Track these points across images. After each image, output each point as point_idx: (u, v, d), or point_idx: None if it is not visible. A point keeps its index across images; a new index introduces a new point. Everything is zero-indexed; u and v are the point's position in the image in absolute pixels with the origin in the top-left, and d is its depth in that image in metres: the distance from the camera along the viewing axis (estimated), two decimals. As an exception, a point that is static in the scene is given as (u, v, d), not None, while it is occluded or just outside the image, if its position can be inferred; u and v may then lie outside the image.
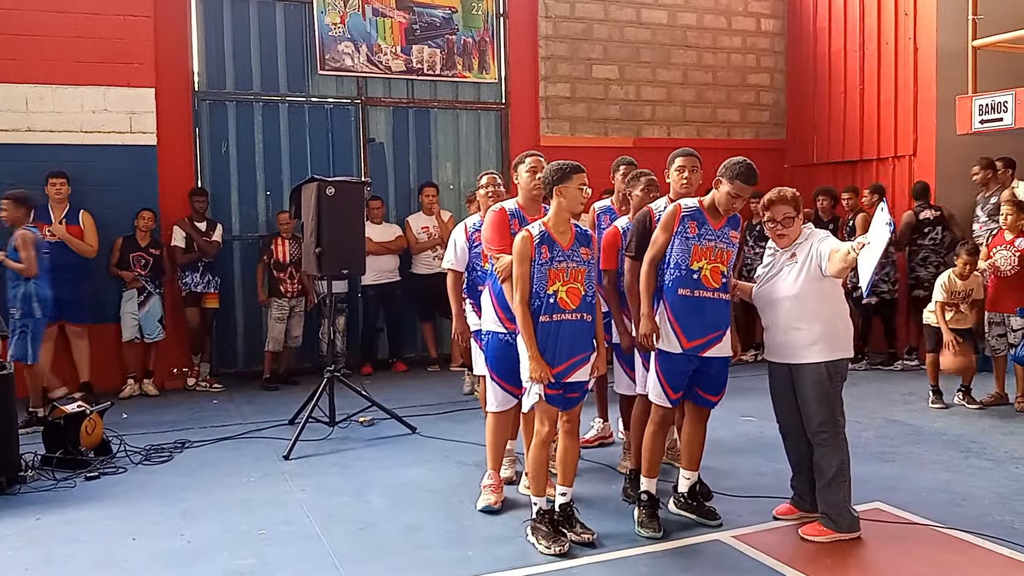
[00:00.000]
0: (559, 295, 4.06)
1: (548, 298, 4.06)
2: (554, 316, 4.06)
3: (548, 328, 4.06)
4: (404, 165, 9.27)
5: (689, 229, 4.23)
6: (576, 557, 4.02)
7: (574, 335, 4.10)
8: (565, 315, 4.07)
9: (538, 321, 4.07)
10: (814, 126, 10.31)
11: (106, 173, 7.81)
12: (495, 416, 4.77)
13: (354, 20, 8.89)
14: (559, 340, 4.07)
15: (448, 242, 5.52)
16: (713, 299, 4.24)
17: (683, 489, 4.51)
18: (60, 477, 5.31)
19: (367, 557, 4.11)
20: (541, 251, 4.07)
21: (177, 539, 4.37)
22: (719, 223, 4.27)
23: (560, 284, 4.07)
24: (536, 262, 4.08)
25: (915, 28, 8.98)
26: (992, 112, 7.40)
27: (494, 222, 4.59)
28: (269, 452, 5.90)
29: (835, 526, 4.17)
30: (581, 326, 4.12)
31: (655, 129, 10.18)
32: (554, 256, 4.08)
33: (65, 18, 7.66)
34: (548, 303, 4.06)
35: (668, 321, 4.25)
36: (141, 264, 7.76)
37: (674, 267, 4.24)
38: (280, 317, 8.15)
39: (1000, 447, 5.76)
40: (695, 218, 4.25)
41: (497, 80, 9.57)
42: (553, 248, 4.09)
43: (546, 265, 4.07)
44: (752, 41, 10.68)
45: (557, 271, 4.07)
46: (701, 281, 4.22)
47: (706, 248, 4.23)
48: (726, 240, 4.28)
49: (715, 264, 4.23)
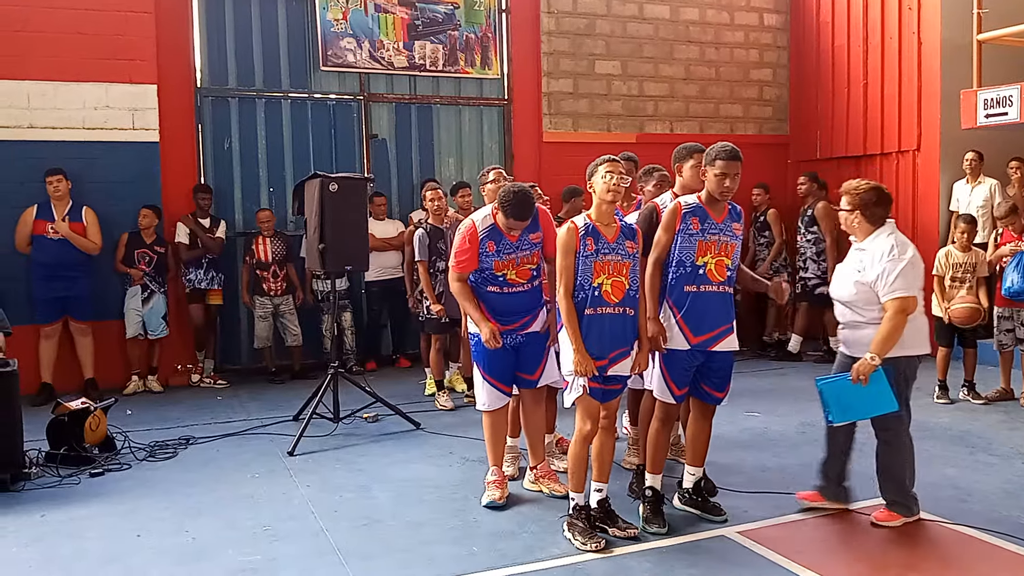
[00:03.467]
0: (603, 288, 4.06)
1: (593, 291, 4.06)
2: (598, 309, 4.06)
3: (592, 321, 4.06)
4: (407, 161, 9.25)
5: (692, 225, 4.20)
6: (579, 553, 4.01)
7: (617, 328, 4.10)
8: (608, 308, 4.07)
9: (582, 314, 4.06)
10: (818, 121, 10.28)
11: (109, 170, 7.80)
12: (489, 415, 4.80)
13: (356, 16, 8.87)
14: (602, 333, 4.07)
15: None
16: (719, 293, 4.24)
17: (688, 485, 4.51)
18: (65, 474, 5.31)
19: (372, 553, 4.11)
20: (586, 243, 4.06)
21: (182, 536, 4.38)
22: (721, 216, 4.25)
23: (605, 277, 4.06)
24: (581, 254, 4.07)
25: (919, 22, 8.94)
26: (997, 106, 7.39)
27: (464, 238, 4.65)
28: (273, 448, 5.90)
29: (906, 511, 4.30)
30: (624, 320, 4.11)
31: (658, 125, 10.16)
32: (599, 248, 4.07)
33: (66, 14, 7.64)
34: (593, 296, 4.06)
35: (674, 319, 4.23)
36: (146, 261, 7.75)
37: (678, 264, 4.22)
38: (263, 315, 8.15)
39: (1006, 442, 5.75)
40: (696, 214, 4.23)
41: (499, 76, 9.55)
42: (598, 240, 4.08)
43: (591, 257, 4.07)
44: (755, 36, 10.65)
45: (602, 264, 4.07)
46: (707, 276, 4.20)
47: (710, 242, 4.21)
48: (729, 233, 4.27)
49: (720, 258, 4.22)
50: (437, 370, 7.15)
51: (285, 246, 8.26)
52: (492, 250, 4.60)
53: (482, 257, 4.61)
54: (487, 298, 4.68)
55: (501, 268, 4.62)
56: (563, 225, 4.22)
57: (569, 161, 8.91)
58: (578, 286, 4.08)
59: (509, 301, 4.66)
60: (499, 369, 4.70)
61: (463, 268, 4.68)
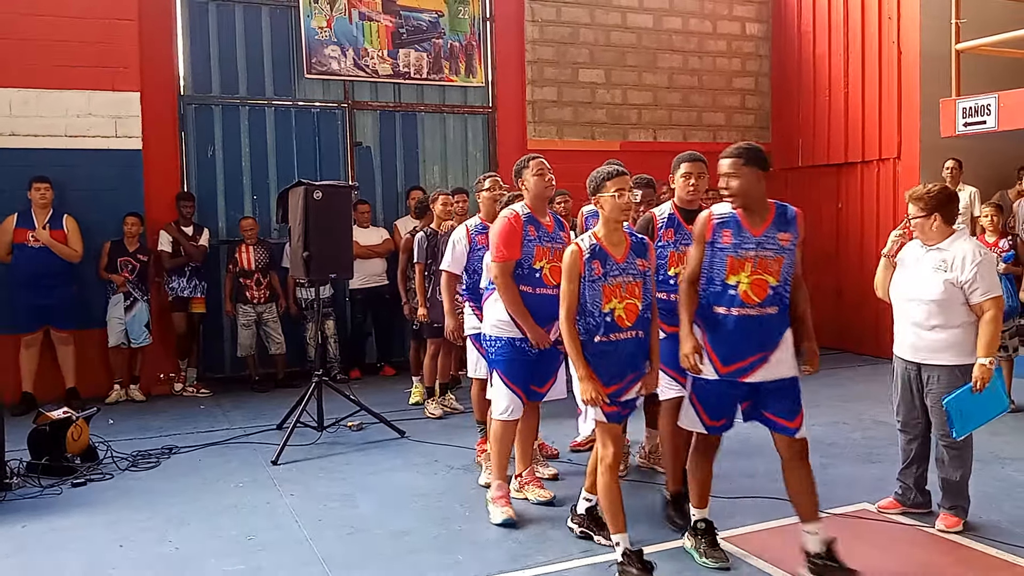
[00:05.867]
0: (616, 313, 3.78)
1: (604, 317, 3.78)
2: (611, 336, 3.79)
3: (605, 349, 3.79)
4: (391, 169, 9.26)
5: (722, 239, 3.75)
6: (566, 559, 4.02)
7: (631, 353, 3.86)
8: (622, 333, 3.81)
9: (593, 342, 3.79)
10: (799, 129, 10.37)
11: (91, 178, 7.76)
12: (503, 424, 4.55)
13: (340, 24, 8.88)
14: (618, 360, 3.83)
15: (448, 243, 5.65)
16: (756, 316, 3.69)
17: (815, 549, 3.78)
18: (46, 484, 5.26)
19: (356, 562, 4.10)
20: (592, 267, 3.78)
21: (165, 546, 4.35)
22: (760, 228, 3.72)
23: (617, 301, 3.79)
24: (587, 278, 3.79)
25: (899, 32, 9.04)
26: (975, 115, 7.46)
27: (503, 230, 4.47)
28: (257, 457, 5.88)
29: (964, 514, 4.37)
30: (638, 343, 3.87)
31: (641, 133, 10.22)
32: (608, 271, 3.79)
33: (49, 21, 7.60)
34: (605, 322, 3.78)
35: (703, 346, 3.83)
36: (128, 269, 7.71)
37: (707, 283, 3.79)
38: (246, 323, 8.12)
39: (986, 447, 5.78)
40: (729, 226, 3.75)
41: (484, 84, 9.57)
42: (606, 262, 3.80)
43: (599, 281, 3.78)
44: (737, 45, 10.74)
45: (612, 287, 3.79)
46: (739, 297, 3.70)
47: (744, 259, 3.70)
48: (772, 245, 3.71)
49: (758, 276, 3.69)
50: (429, 376, 7.05)
51: (268, 254, 8.24)
52: (533, 235, 4.44)
53: (524, 243, 4.42)
54: None
55: (540, 257, 4.44)
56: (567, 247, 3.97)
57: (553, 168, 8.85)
58: (587, 312, 3.81)
59: (539, 303, 4.44)
60: (522, 376, 4.51)
61: (508, 255, 4.42)
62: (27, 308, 7.35)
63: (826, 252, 9.87)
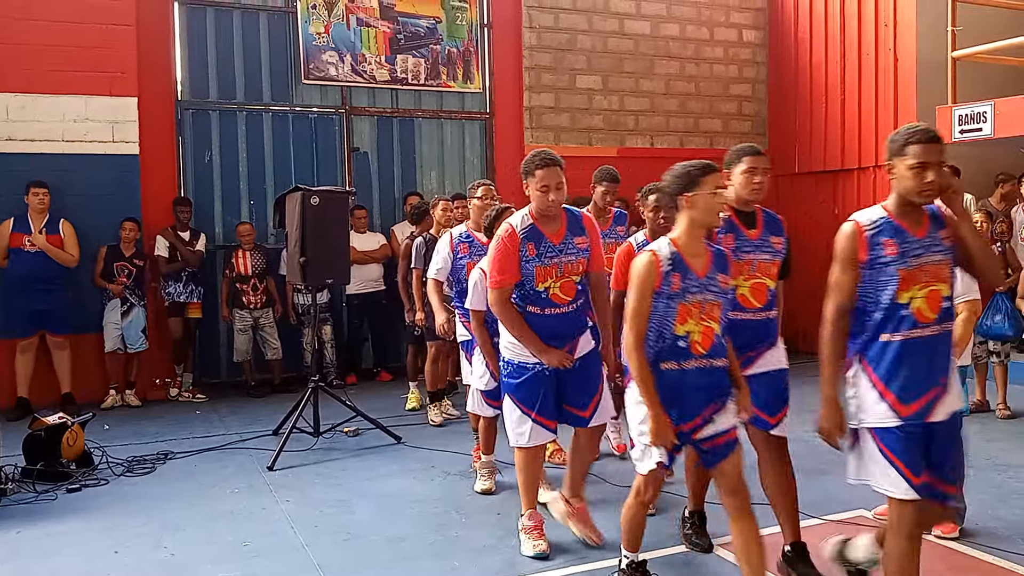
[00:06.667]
0: (692, 338, 3.23)
1: (676, 341, 3.22)
2: (682, 363, 3.25)
3: (671, 378, 3.25)
4: (388, 174, 9.26)
5: (884, 251, 3.02)
6: (564, 566, 4.01)
7: (706, 383, 3.29)
8: (694, 361, 3.26)
9: (657, 368, 3.25)
10: (796, 136, 10.40)
11: (88, 183, 7.76)
12: (524, 452, 4.17)
13: (338, 30, 8.89)
14: (689, 392, 3.27)
15: None
16: (931, 337, 3.03)
17: None
18: (41, 489, 5.25)
19: (352, 568, 4.09)
20: (671, 280, 3.20)
21: (160, 552, 4.34)
22: (922, 229, 3.06)
23: (693, 323, 3.22)
24: (663, 294, 3.21)
25: (895, 39, 9.07)
26: (971, 122, 7.50)
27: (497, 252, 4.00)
28: (253, 463, 5.87)
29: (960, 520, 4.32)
30: (713, 373, 3.30)
31: (638, 139, 10.23)
32: (687, 287, 3.21)
33: (46, 27, 7.61)
34: (676, 347, 3.23)
35: (870, 383, 3.07)
36: (125, 274, 7.71)
37: (874, 306, 3.06)
38: (243, 328, 8.11)
39: (981, 454, 5.80)
40: (887, 233, 3.04)
41: (481, 90, 9.59)
42: (686, 276, 3.22)
43: (676, 299, 3.21)
44: (734, 52, 10.76)
45: (690, 306, 3.22)
46: (913, 317, 3.02)
47: (915, 269, 3.02)
48: (939, 248, 3.06)
49: (932, 287, 3.03)
50: (431, 381, 6.95)
51: (265, 259, 8.24)
52: (532, 253, 3.91)
53: (522, 264, 3.93)
54: (525, 319, 4.02)
55: (543, 278, 3.94)
56: (640, 254, 3.33)
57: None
58: (656, 334, 3.24)
59: (550, 324, 4.01)
60: (539, 401, 4.04)
61: (504, 281, 3.96)
62: (23, 313, 7.34)
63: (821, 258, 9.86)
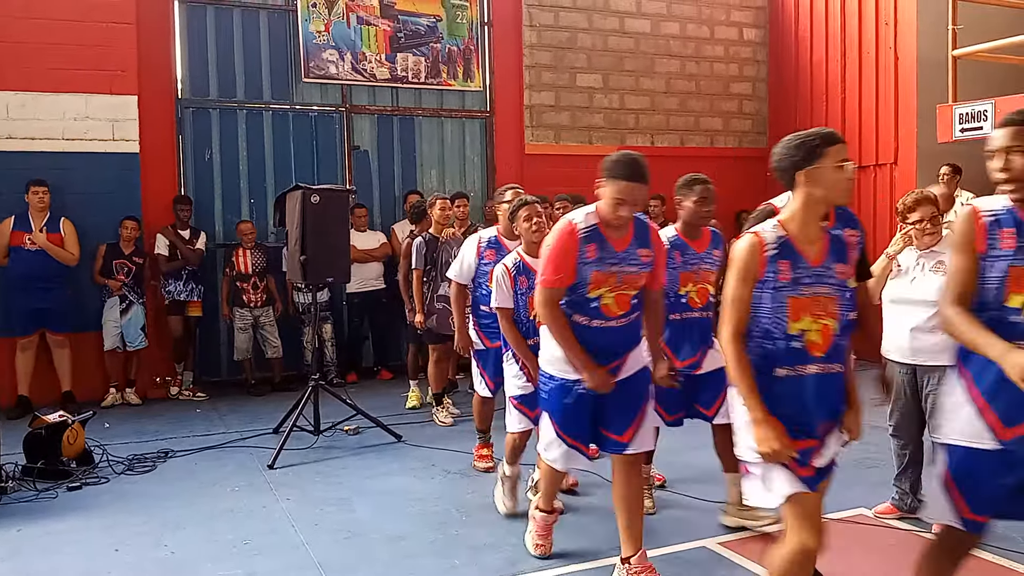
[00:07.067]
0: (808, 337, 2.74)
1: (790, 341, 2.74)
2: (798, 368, 2.75)
3: (791, 385, 2.76)
4: (389, 173, 9.26)
5: (1000, 243, 2.66)
6: (563, 565, 4.01)
7: (822, 395, 2.80)
8: (812, 366, 2.76)
9: (771, 375, 2.76)
10: (796, 135, 10.37)
11: (88, 181, 7.75)
12: (550, 469, 3.93)
13: (338, 28, 8.89)
14: (805, 403, 2.78)
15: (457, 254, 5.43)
16: None
17: None
18: (41, 488, 5.25)
19: (352, 566, 4.09)
20: (778, 268, 2.73)
21: (161, 550, 4.34)
22: None
23: (810, 319, 2.74)
24: (768, 285, 2.73)
25: (896, 38, 9.07)
26: (972, 121, 7.48)
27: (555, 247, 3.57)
28: (253, 461, 5.87)
29: None
30: (830, 382, 2.80)
31: (639, 137, 10.22)
32: (798, 277, 2.74)
33: (47, 25, 7.60)
34: (791, 348, 2.75)
35: (969, 400, 2.69)
36: (125, 272, 7.70)
37: (981, 305, 2.66)
38: (243, 327, 8.10)
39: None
40: (1006, 223, 2.68)
41: (482, 88, 9.58)
42: (798, 264, 2.75)
43: (786, 290, 2.73)
44: (735, 50, 10.76)
45: (803, 300, 2.74)
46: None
47: None
48: None
49: None
50: (435, 383, 6.89)
51: (265, 258, 8.23)
52: (592, 256, 3.49)
53: (579, 266, 3.52)
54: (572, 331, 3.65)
55: (598, 284, 3.53)
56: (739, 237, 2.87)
57: (551, 173, 8.96)
58: (764, 332, 2.77)
59: (599, 337, 3.62)
60: (577, 425, 3.70)
61: (558, 281, 3.52)
62: (23, 311, 7.34)
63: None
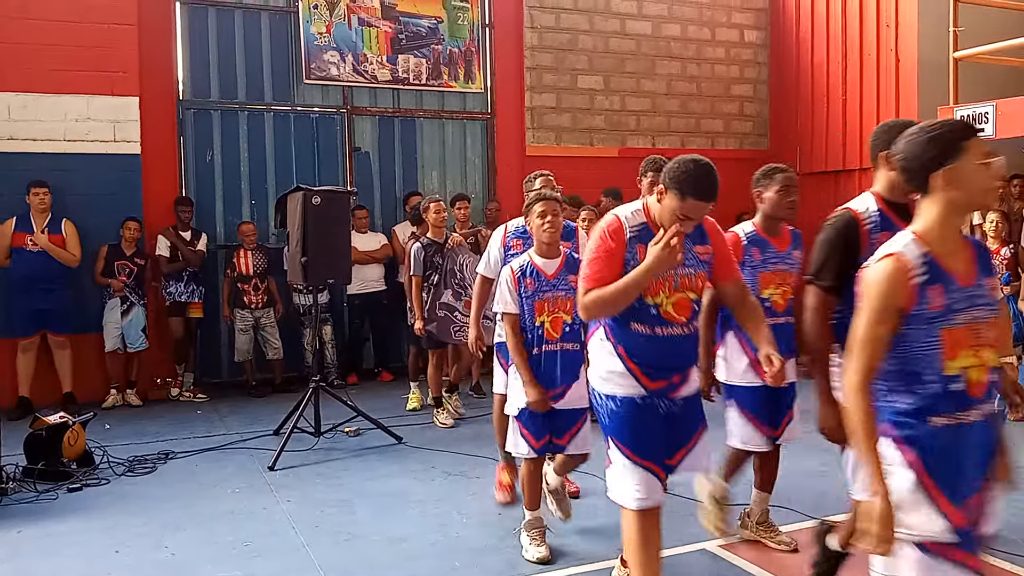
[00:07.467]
0: (970, 376, 2.23)
1: (948, 384, 2.22)
2: (958, 416, 2.23)
3: (951, 437, 2.24)
4: (390, 175, 9.26)
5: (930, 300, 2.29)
6: (563, 567, 4.01)
7: (987, 442, 2.31)
8: (976, 409, 2.25)
9: (927, 426, 2.23)
10: (797, 136, 10.39)
11: (89, 182, 7.75)
12: (639, 517, 3.16)
13: (340, 29, 8.89)
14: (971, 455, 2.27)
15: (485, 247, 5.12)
16: None
17: None
18: (42, 489, 5.25)
19: (353, 568, 4.09)
20: (928, 296, 2.20)
21: (161, 551, 4.34)
22: None
23: (970, 353, 2.22)
24: (920, 317, 2.21)
25: (897, 40, 9.07)
26: (973, 123, 7.48)
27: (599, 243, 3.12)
28: (254, 463, 5.87)
29: None
30: (993, 426, 2.33)
31: (640, 139, 10.23)
32: (951, 304, 2.21)
33: (48, 26, 7.60)
34: (951, 393, 2.22)
35: None
36: (126, 273, 7.71)
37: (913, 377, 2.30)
38: (244, 328, 8.10)
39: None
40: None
41: (483, 90, 9.58)
42: (949, 286, 2.22)
43: (939, 322, 2.20)
44: (736, 52, 10.76)
45: (958, 331, 2.21)
46: None
47: None
48: None
49: None
50: (435, 386, 6.92)
51: (266, 259, 8.23)
52: (643, 258, 3.01)
53: (626, 269, 3.05)
54: (628, 341, 3.15)
55: (655, 291, 3.08)
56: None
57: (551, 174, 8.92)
58: (916, 375, 2.24)
59: (661, 348, 3.13)
60: (652, 445, 3.16)
61: (599, 278, 3.05)
62: (24, 312, 7.34)
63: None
